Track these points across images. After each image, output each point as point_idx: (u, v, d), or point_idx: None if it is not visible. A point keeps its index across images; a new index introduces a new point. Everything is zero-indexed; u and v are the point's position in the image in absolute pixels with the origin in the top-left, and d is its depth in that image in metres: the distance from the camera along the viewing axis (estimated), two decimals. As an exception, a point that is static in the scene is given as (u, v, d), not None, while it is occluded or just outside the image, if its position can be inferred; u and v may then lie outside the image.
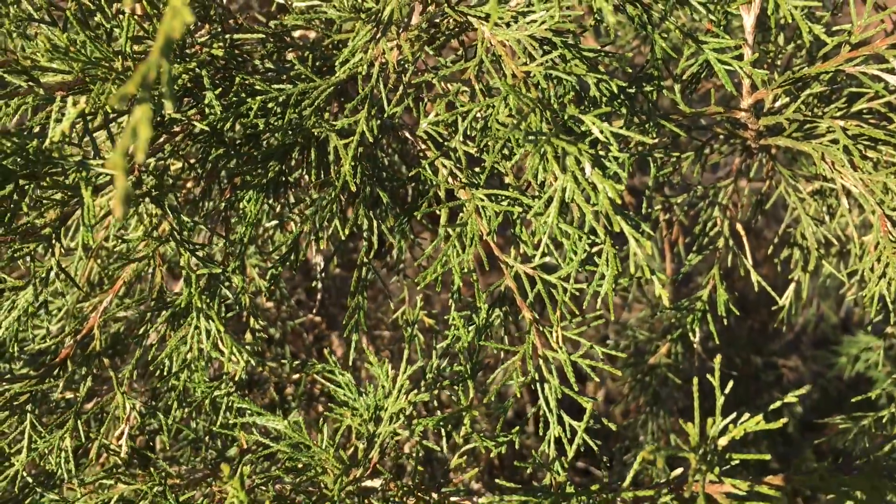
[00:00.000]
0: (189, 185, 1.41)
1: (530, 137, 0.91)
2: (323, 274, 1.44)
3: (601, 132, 0.93)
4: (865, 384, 3.36)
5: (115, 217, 0.95)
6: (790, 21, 0.95)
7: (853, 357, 3.29)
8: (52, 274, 1.09)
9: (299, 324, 1.83)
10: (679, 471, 0.97)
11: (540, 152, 0.91)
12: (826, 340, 3.38)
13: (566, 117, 0.98)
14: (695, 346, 1.44)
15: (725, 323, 1.42)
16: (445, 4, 1.06)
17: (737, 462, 0.97)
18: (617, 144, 0.93)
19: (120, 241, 1.22)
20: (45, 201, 1.01)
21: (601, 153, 0.96)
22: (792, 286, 1.66)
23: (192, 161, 1.25)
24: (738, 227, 1.39)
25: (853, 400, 1.62)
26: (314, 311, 1.98)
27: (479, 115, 1.11)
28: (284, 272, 1.26)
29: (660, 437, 2.16)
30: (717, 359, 0.95)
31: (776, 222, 3.06)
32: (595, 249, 1.13)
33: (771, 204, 1.57)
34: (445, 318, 1.26)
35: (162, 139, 1.16)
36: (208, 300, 1.00)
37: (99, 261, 1.42)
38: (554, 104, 1.04)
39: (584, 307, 1.24)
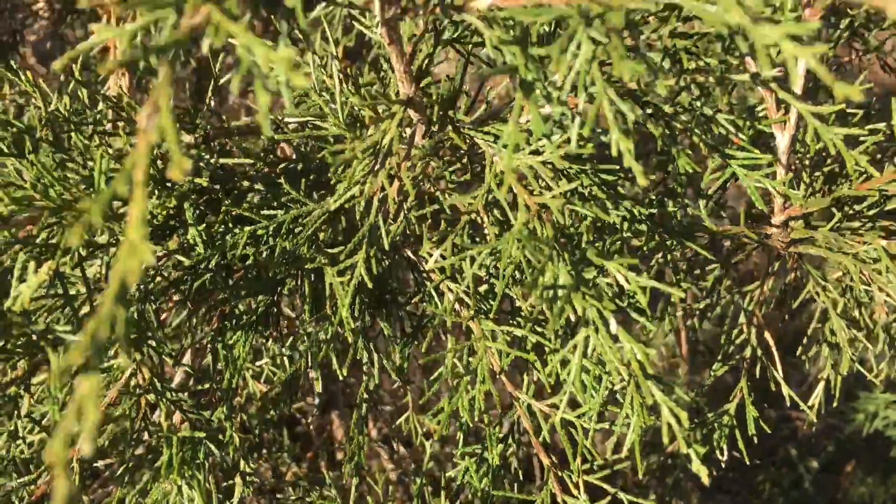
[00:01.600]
0: (173, 300, 1.31)
1: (547, 293, 0.81)
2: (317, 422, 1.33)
3: (627, 281, 0.83)
4: (881, 440, 3.25)
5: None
6: (833, 152, 0.86)
7: (871, 414, 3.19)
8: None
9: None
10: None
11: (559, 309, 0.81)
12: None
13: (585, 256, 0.88)
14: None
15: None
16: (450, 127, 0.97)
17: None
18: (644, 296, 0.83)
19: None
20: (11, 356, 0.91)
21: (623, 302, 0.86)
22: (821, 385, 1.56)
23: (180, 286, 1.15)
24: (767, 335, 1.29)
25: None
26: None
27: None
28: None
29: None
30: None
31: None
32: (618, 387, 1.03)
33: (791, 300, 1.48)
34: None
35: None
36: (190, 464, 0.90)
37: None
38: (572, 235, 0.94)
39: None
